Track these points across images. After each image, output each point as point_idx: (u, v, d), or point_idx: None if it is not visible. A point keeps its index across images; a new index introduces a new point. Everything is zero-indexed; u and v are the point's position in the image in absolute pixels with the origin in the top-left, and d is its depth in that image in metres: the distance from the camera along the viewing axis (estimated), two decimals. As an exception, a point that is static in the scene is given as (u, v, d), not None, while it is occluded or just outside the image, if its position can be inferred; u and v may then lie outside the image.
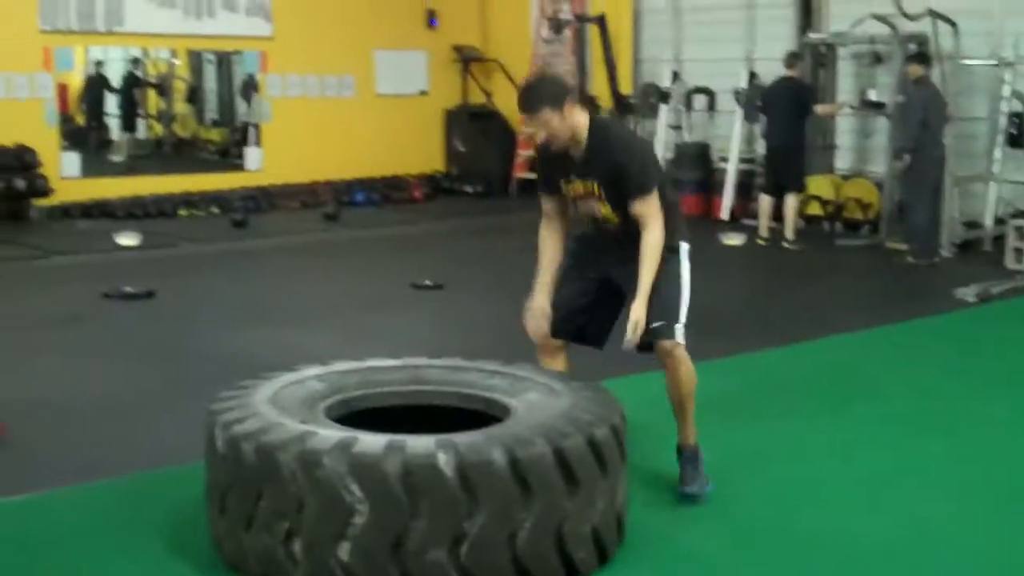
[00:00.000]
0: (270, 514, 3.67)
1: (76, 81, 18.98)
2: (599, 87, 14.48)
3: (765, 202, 11.67)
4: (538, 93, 4.51)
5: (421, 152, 16.39)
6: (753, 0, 13.74)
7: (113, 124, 20.26)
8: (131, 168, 16.87)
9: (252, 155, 15.47)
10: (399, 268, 10.34)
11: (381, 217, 14.00)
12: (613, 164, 4.54)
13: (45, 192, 13.32)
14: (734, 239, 11.64)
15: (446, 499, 3.54)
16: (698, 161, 13.95)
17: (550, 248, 4.83)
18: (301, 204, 14.62)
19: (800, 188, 11.58)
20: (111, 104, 20.14)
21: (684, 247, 4.73)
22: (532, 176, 15.63)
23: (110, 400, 6.16)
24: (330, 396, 4.29)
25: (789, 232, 11.37)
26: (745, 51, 13.44)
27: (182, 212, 13.91)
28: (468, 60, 16.55)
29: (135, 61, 20.39)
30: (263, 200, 14.47)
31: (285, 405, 4.04)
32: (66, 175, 13.90)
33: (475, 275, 10.16)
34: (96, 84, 19.56)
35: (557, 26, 15.31)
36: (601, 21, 14.44)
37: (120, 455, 5.28)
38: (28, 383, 6.40)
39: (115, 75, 20.09)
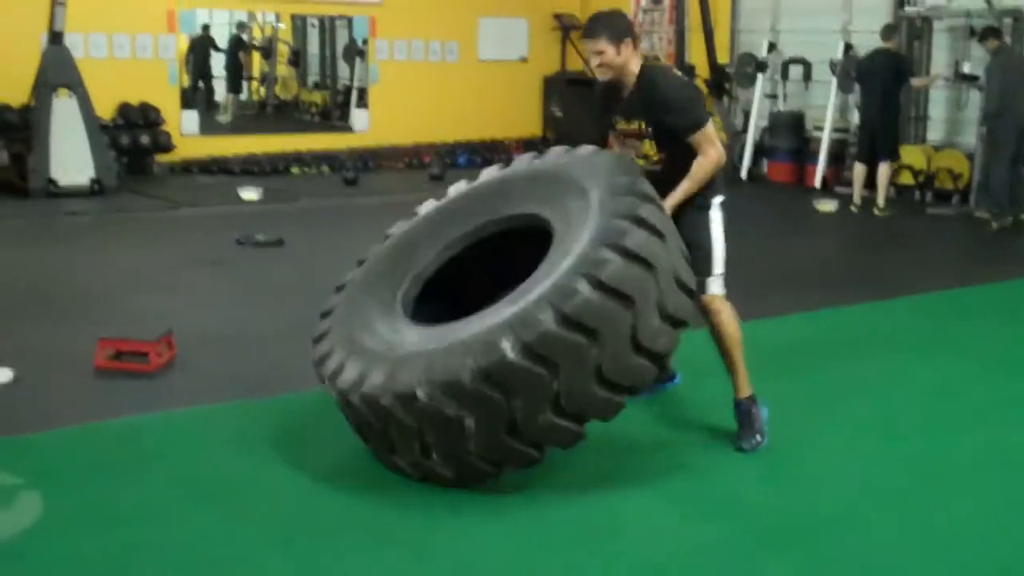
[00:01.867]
0: (401, 441, 4.25)
1: (182, 43, 19.74)
2: (697, 56, 14.88)
3: (859, 170, 12.04)
4: (602, 22, 4.77)
5: (520, 117, 16.97)
6: (850, -27, 14.06)
7: (217, 85, 21.00)
8: (237, 128, 17.63)
9: (359, 117, 16.15)
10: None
11: (483, 178, 14.57)
12: (659, 103, 4.75)
13: (168, 148, 14.10)
14: (827, 205, 12.05)
15: (528, 378, 3.98)
16: (793, 130, 14.32)
17: None
18: (406, 164, 15.29)
19: (894, 157, 11.93)
20: (216, 66, 20.87)
21: (716, 201, 4.90)
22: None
23: (263, 330, 6.83)
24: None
25: (881, 200, 11.75)
26: (841, 23, 13.75)
27: (294, 170, 14.63)
28: (568, 28, 17.03)
29: (240, 25, 21.09)
30: (370, 160, 15.14)
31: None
32: (186, 132, 14.68)
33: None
34: (202, 45, 20.25)
35: (657, -4, 15.75)
36: (701, -8, 14.82)
37: (279, 377, 5.91)
38: (189, 315, 7.07)
39: (221, 38, 20.81)
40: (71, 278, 8.30)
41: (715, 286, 4.85)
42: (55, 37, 12.30)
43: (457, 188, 5.27)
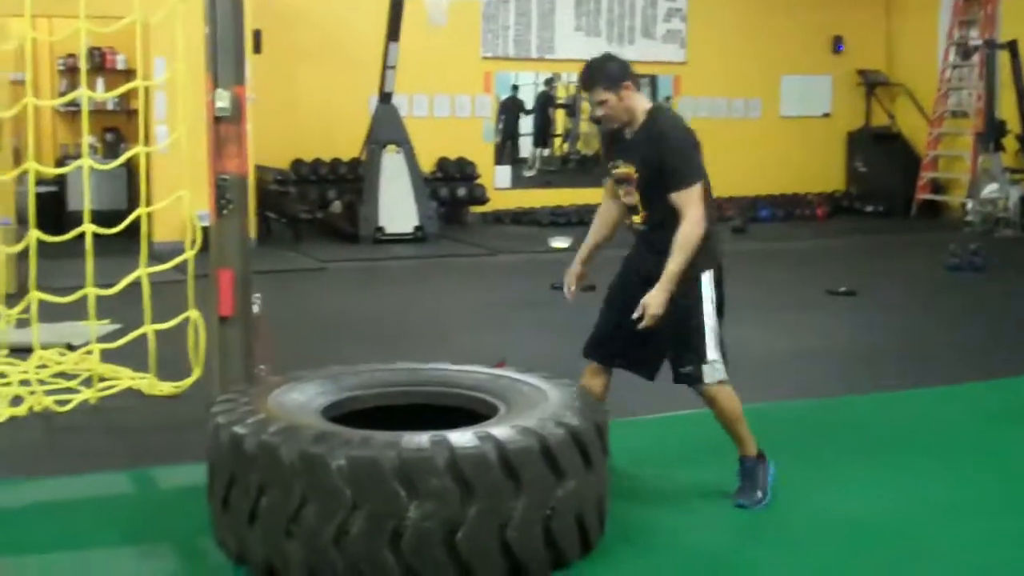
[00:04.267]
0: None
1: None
2: (1007, 112, 14.64)
3: None
4: (596, 71, 4.55)
5: (822, 172, 17.06)
6: None
7: (523, 142, 22.00)
8: (544, 181, 18.43)
9: (662, 171, 16.63)
10: (810, 277, 11.08)
11: (785, 232, 14.80)
12: (654, 149, 4.51)
13: (483, 200, 14.98)
14: None
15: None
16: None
17: (598, 221, 4.95)
18: (709, 217, 15.61)
19: None
20: (523, 124, 21.87)
21: (706, 276, 4.59)
22: (936, 197, 16.03)
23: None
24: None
25: None
26: None
27: (600, 221, 15.19)
28: (872, 84, 17.03)
29: (548, 82, 22.02)
30: (673, 213, 15.55)
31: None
32: (499, 186, 15.55)
33: (882, 286, 10.73)
34: (511, 106, 21.30)
35: (966, 52, 15.59)
36: (1012, 47, 14.61)
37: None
38: (514, 349, 7.61)
39: (528, 98, 21.81)
40: (403, 315, 9.07)
41: (710, 374, 4.57)
42: (385, 98, 13.38)
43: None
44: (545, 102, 21.76)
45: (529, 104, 21.69)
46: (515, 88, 21.43)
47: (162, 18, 6.48)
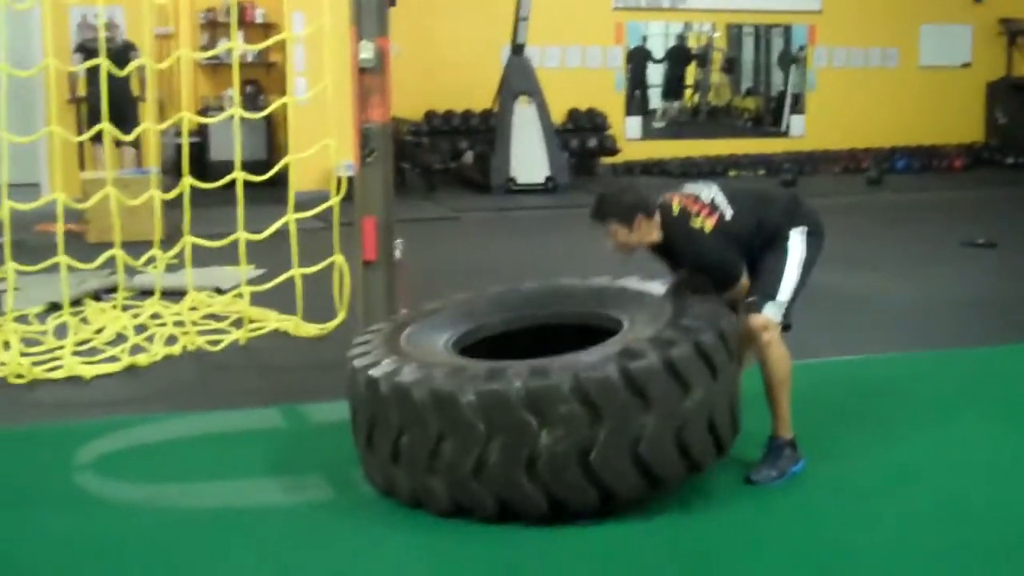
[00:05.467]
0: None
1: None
2: None
3: None
4: (608, 205, 4.39)
5: (960, 123, 16.68)
6: None
7: (652, 93, 21.87)
8: (675, 132, 18.36)
9: (795, 122, 16.46)
10: (947, 229, 10.90)
11: (922, 183, 14.56)
12: (690, 258, 4.46)
13: (613, 151, 15.02)
14: None
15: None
16: None
17: None
18: (842, 169, 15.44)
19: None
20: (651, 75, 21.73)
21: (796, 231, 4.50)
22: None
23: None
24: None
25: None
26: None
27: (731, 172, 15.14)
28: (1015, 33, 16.56)
29: (680, 35, 21.83)
30: (806, 164, 15.42)
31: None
32: (629, 136, 15.57)
33: (1023, 238, 10.51)
34: (640, 56, 21.18)
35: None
36: None
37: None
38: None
39: (656, 48, 21.66)
40: (536, 263, 9.18)
41: (770, 309, 4.41)
42: (517, 49, 13.47)
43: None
44: (678, 53, 21.58)
45: (657, 54, 21.52)
46: (644, 38, 21.29)
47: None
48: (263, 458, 4.71)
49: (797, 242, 4.49)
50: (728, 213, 4.43)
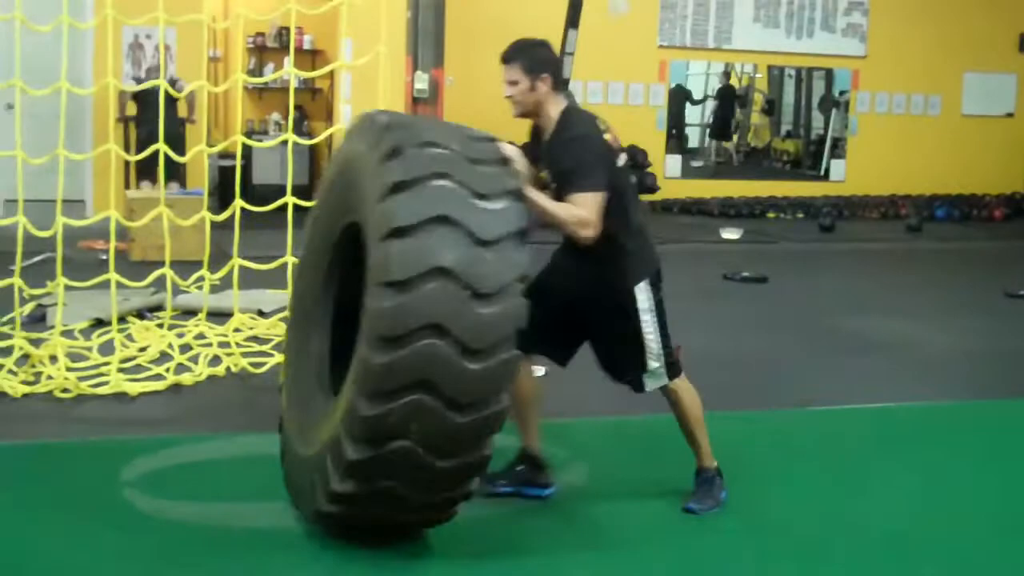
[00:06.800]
0: None
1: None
2: None
3: None
4: (520, 48, 4.28)
5: (1002, 172, 16.62)
6: None
7: (690, 132, 21.88)
8: (714, 173, 18.36)
9: (835, 166, 16.46)
10: (988, 279, 10.85)
11: (962, 232, 14.52)
12: (558, 161, 4.19)
13: (653, 189, 15.06)
14: None
15: None
16: None
17: None
18: (881, 215, 15.40)
19: None
20: (690, 114, 21.73)
21: (642, 286, 4.31)
22: None
23: (756, 353, 7.39)
24: None
25: None
26: None
27: (770, 214, 15.14)
28: (1060, 83, 16.54)
29: (727, 75, 21.85)
30: (845, 208, 15.40)
31: None
32: (669, 175, 15.60)
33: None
34: (678, 96, 21.20)
35: None
36: None
37: (771, 396, 6.43)
38: (685, 335, 7.67)
39: (695, 87, 21.68)
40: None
41: (651, 381, 4.38)
42: (562, 84, 13.48)
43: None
44: (726, 93, 21.61)
45: (696, 94, 21.55)
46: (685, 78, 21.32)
47: (365, 2, 6.72)
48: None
49: (645, 298, 4.32)
50: (622, 164, 4.34)
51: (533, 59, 4.23)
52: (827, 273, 11.11)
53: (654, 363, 4.33)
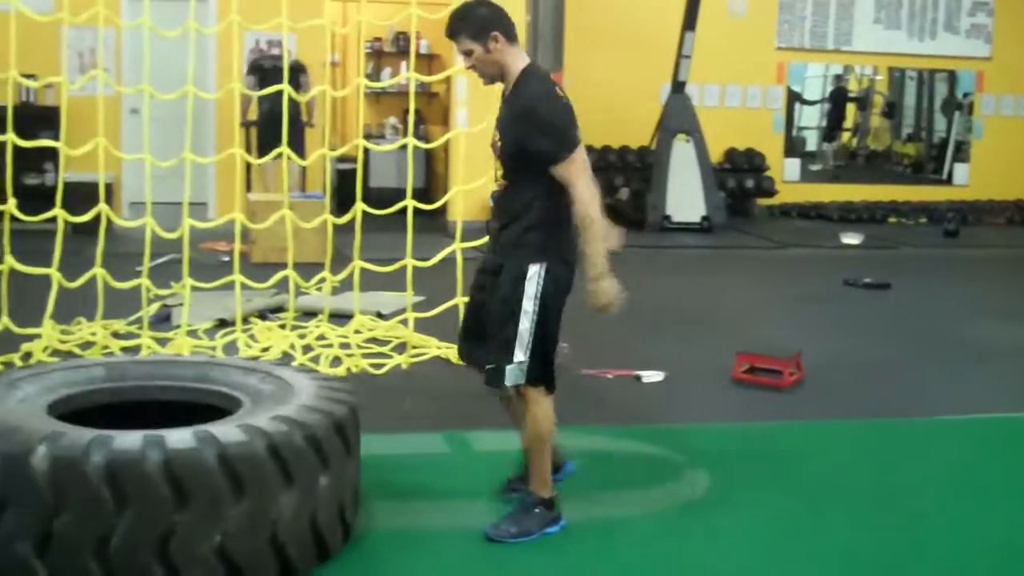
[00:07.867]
0: None
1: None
2: None
3: None
4: (459, 17, 4.04)
5: None
6: None
7: (808, 135, 21.57)
8: (834, 176, 18.08)
9: (958, 170, 16.08)
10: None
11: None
12: (516, 122, 4.01)
13: (770, 192, 14.88)
14: None
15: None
16: None
17: None
18: (1007, 220, 15.01)
19: None
20: (805, 116, 21.43)
21: (533, 270, 4.02)
22: None
23: (879, 361, 7.23)
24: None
25: None
26: None
27: (891, 219, 14.85)
28: None
29: (839, 77, 21.51)
30: (969, 213, 15.03)
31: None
32: (787, 179, 15.40)
33: None
34: (791, 98, 20.92)
35: None
36: None
37: (898, 402, 6.28)
38: (808, 341, 7.57)
39: (813, 89, 21.37)
40: (688, 304, 9.12)
41: (512, 375, 4.02)
42: (678, 87, 13.44)
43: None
44: (838, 95, 21.27)
45: (808, 95, 21.24)
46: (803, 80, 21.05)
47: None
48: (426, 483, 4.75)
49: (532, 286, 4.02)
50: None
51: (476, 23, 4.00)
52: (952, 279, 10.85)
53: (520, 355, 4.00)
